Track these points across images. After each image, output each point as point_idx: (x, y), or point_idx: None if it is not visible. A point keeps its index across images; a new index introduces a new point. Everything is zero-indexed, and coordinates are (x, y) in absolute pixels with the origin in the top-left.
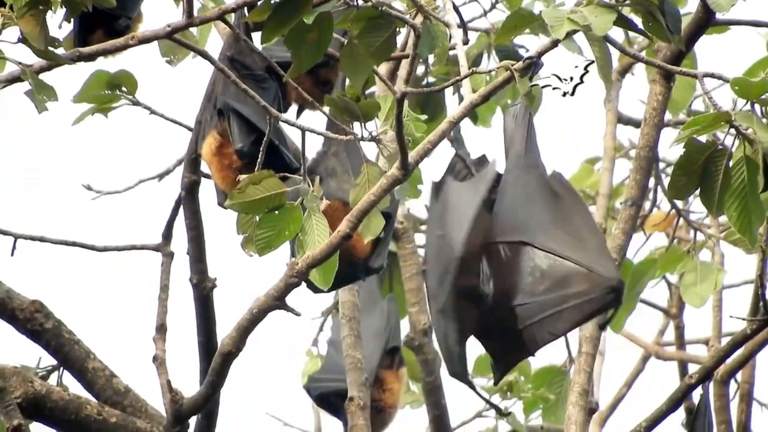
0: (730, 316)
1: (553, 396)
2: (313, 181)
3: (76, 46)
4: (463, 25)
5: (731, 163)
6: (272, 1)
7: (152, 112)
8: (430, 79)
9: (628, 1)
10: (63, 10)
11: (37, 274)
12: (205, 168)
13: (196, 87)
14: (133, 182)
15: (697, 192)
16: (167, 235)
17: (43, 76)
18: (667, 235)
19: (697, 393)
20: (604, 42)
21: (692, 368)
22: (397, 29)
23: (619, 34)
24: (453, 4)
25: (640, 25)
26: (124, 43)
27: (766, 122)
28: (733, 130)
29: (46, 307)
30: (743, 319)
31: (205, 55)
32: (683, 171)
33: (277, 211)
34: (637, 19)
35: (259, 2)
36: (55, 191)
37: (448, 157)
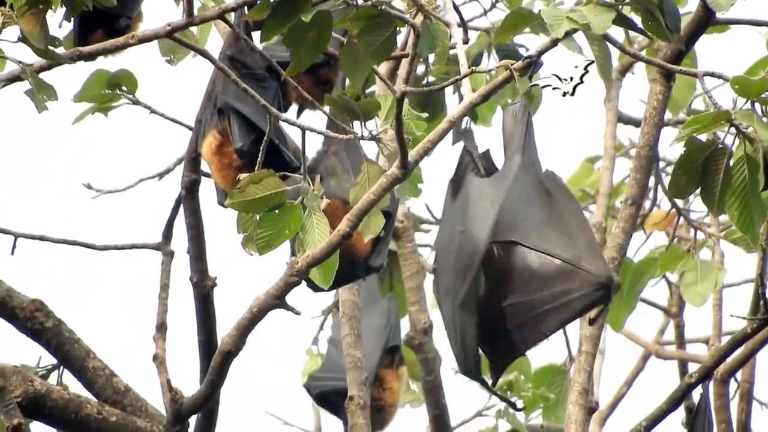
0: (731, 315)
1: (553, 395)
2: (313, 180)
3: (76, 45)
4: (463, 25)
5: (732, 162)
6: (271, 0)
7: (152, 112)
8: (430, 79)
9: (627, 0)
10: (63, 10)
11: (38, 273)
12: (205, 167)
13: (196, 86)
14: (133, 181)
15: (698, 191)
16: (167, 234)
17: (43, 76)
18: (668, 234)
19: (697, 392)
20: (604, 41)
21: (692, 367)
22: (397, 28)
23: (619, 34)
24: (453, 4)
25: (640, 24)
26: (124, 42)
27: (766, 121)
28: (733, 129)
29: (47, 306)
30: (743, 318)
31: (206, 55)
32: (683, 170)
33: (277, 210)
34: (637, 18)
35: (259, 1)
36: (56, 190)
37: (448, 157)
